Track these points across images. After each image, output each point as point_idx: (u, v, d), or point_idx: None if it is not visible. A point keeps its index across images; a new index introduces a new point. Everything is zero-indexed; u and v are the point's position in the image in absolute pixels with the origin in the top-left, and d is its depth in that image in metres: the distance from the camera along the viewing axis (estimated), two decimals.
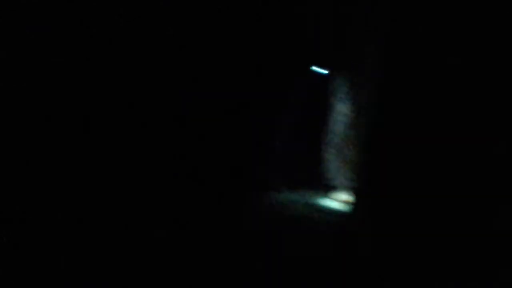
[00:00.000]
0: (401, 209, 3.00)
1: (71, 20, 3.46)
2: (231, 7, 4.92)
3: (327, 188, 6.23)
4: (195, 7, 4.74)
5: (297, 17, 5.69)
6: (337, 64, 6.23)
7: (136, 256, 2.96)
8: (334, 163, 6.23)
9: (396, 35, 3.37)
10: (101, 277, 2.60)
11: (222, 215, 4.39)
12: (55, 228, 3.06)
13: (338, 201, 5.84)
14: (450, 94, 2.77)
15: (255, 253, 3.22)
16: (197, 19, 4.79)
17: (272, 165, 5.89)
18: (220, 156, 5.21)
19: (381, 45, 4.05)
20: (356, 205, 3.99)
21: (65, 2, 3.41)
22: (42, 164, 3.27)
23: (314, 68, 6.60)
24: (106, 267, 2.74)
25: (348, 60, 6.02)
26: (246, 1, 5.05)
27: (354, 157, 5.75)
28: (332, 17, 5.84)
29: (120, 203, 3.69)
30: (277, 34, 5.34)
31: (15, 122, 3.16)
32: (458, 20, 2.77)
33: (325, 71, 6.55)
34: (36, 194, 3.18)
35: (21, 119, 3.19)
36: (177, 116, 4.80)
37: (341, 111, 6.10)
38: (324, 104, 6.44)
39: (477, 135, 2.64)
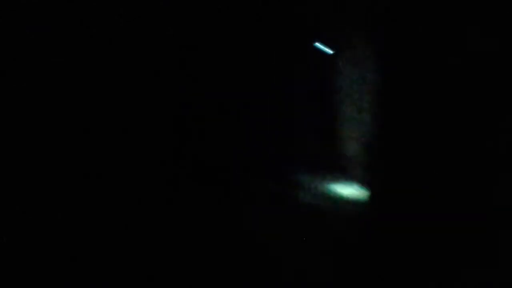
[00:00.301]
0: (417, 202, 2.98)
1: (71, 20, 3.45)
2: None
3: (344, 170, 6.21)
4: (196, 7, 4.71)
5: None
6: (346, 45, 6.18)
7: (136, 255, 2.95)
8: (351, 145, 6.19)
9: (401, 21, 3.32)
10: (101, 276, 2.60)
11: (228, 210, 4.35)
12: (55, 228, 3.06)
13: (353, 186, 5.74)
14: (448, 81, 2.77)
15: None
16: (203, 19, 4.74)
17: (290, 152, 5.80)
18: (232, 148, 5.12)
19: (386, 27, 3.97)
20: (372, 194, 3.81)
21: (65, 2, 3.40)
22: (42, 165, 3.26)
23: (322, 49, 6.59)
24: (106, 266, 2.73)
25: (357, 41, 5.93)
26: None
27: (369, 137, 5.67)
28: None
29: (120, 203, 3.68)
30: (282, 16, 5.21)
31: (15, 122, 3.16)
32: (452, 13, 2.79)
33: (333, 52, 6.49)
34: (36, 194, 3.17)
35: (21, 119, 3.18)
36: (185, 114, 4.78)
37: (354, 92, 6.07)
38: (336, 86, 6.43)
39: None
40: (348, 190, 5.38)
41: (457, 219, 2.72)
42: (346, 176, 6.13)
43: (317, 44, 6.56)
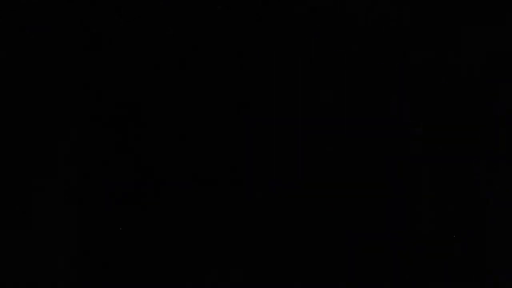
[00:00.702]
0: None
1: (71, 20, 3.47)
2: None
3: None
4: None
5: None
6: None
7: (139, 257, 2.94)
8: None
9: None
10: (100, 277, 2.59)
11: None
12: (55, 228, 3.05)
13: None
14: None
15: None
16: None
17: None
18: None
19: None
20: None
21: (65, 2, 3.42)
22: (42, 164, 3.26)
23: None
24: (106, 267, 2.72)
25: None
26: None
27: None
28: None
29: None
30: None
31: (15, 122, 3.17)
32: None
33: None
34: (37, 193, 3.17)
35: (21, 120, 3.19)
36: None
37: None
38: None
39: None
40: None
41: None
42: None
43: None
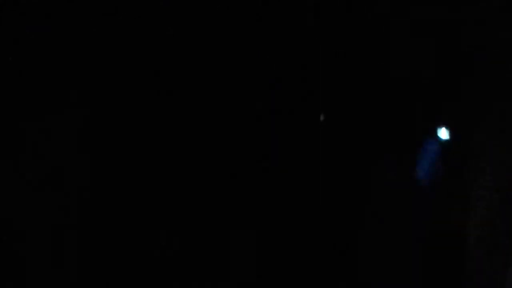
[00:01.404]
0: None
1: (71, 20, 3.45)
2: None
3: None
4: None
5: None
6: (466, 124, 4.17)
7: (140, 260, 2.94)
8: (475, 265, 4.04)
9: None
10: (101, 279, 2.59)
11: None
12: (55, 228, 3.06)
13: None
14: None
15: None
16: None
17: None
18: None
19: None
20: None
21: (65, 2, 3.41)
22: (41, 164, 3.27)
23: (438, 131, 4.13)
24: (106, 269, 2.73)
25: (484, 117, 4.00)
26: None
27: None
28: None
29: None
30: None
31: (15, 122, 3.17)
32: None
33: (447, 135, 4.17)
34: (35, 193, 3.17)
35: (21, 120, 3.19)
36: None
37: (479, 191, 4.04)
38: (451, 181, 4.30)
39: None
40: None
41: None
42: None
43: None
